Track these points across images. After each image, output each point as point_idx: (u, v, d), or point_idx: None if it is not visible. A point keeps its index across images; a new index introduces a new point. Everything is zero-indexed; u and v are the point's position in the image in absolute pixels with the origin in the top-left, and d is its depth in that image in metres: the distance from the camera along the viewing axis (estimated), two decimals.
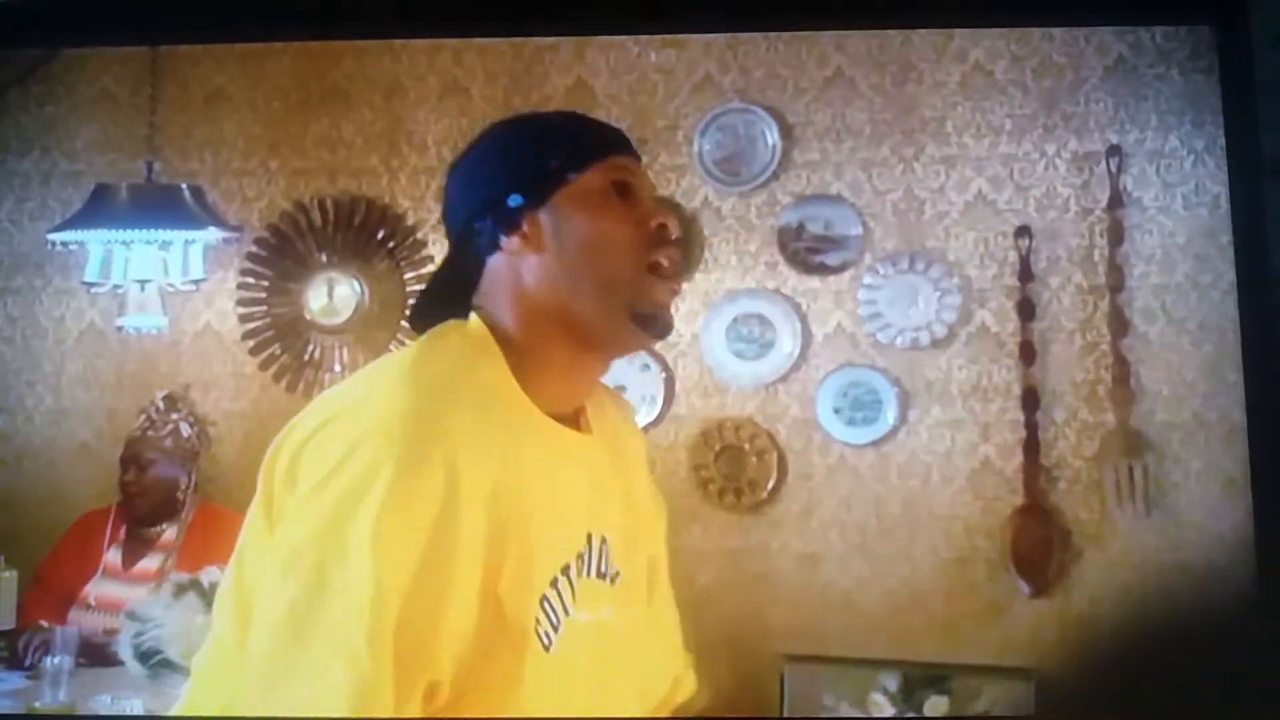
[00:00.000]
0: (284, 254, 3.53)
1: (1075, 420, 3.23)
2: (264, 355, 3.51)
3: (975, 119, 3.33)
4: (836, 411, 3.29)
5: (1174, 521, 3.14)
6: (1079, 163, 3.26)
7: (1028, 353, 3.25)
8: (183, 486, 3.21)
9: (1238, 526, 2.92)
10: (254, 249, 3.54)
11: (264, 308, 3.53)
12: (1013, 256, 3.28)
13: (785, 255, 3.36)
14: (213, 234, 3.28)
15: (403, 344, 3.50)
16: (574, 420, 1.35)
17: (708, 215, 3.42)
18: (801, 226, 3.36)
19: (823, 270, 3.34)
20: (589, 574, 1.32)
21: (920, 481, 3.27)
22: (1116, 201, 3.22)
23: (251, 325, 3.50)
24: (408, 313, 1.40)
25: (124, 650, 2.56)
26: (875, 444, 3.28)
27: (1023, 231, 3.27)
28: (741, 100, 3.41)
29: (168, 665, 2.49)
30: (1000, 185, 3.31)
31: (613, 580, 1.37)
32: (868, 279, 3.31)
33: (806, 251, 3.35)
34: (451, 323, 1.32)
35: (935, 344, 3.29)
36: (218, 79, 3.55)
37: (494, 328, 1.31)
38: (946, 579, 3.23)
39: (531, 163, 1.33)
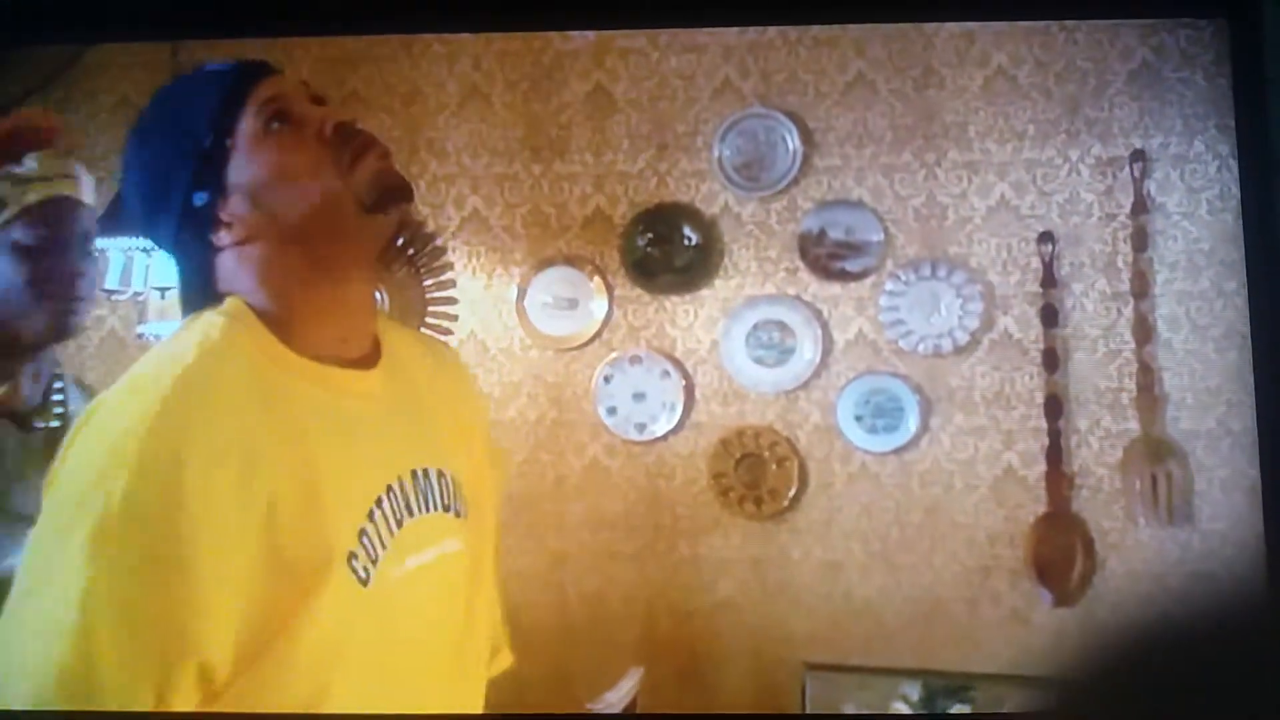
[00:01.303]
0: None
1: (1098, 428, 3.21)
2: None
3: (998, 124, 3.31)
4: (858, 419, 3.27)
5: (1198, 530, 3.11)
6: (1103, 168, 3.23)
7: (1051, 360, 3.22)
8: None
9: (1262, 535, 2.89)
10: None
11: None
12: (1036, 262, 3.26)
13: (806, 261, 3.34)
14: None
15: None
16: (364, 360, 1.32)
17: (728, 221, 3.40)
18: (822, 232, 3.34)
19: (844, 276, 3.33)
20: (430, 508, 1.32)
21: (942, 489, 3.25)
22: (1140, 207, 3.19)
23: None
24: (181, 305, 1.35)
25: None
26: (897, 452, 3.27)
27: (1046, 237, 3.25)
28: (762, 105, 3.39)
29: None
30: (1023, 191, 3.29)
31: (458, 515, 1.36)
32: (889, 285, 3.30)
33: (827, 258, 3.33)
34: (206, 312, 1.28)
35: (957, 351, 3.27)
36: None
37: (249, 304, 1.28)
38: (968, 588, 3.21)
39: (188, 154, 1.27)
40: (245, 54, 3.63)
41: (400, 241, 3.50)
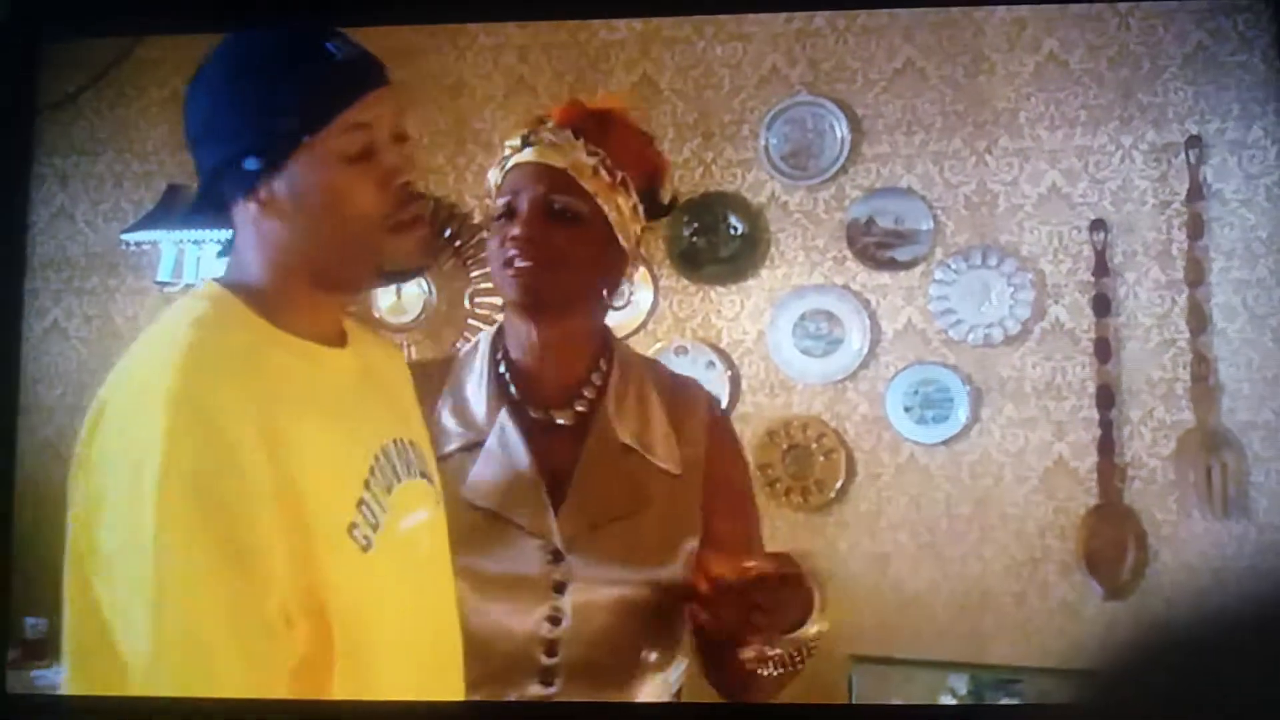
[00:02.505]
0: None
1: (1152, 419, 3.16)
2: None
3: (1049, 110, 3.26)
4: (906, 410, 3.24)
5: (1254, 523, 3.06)
6: (1157, 154, 3.18)
7: (1103, 349, 3.18)
8: None
9: None
10: None
11: None
12: (1088, 251, 3.21)
13: (854, 250, 3.31)
14: None
15: (469, 341, 3.51)
16: (338, 339, 1.38)
17: (774, 210, 3.38)
18: (871, 221, 3.31)
19: (893, 265, 3.29)
20: (411, 474, 1.37)
21: (992, 481, 3.21)
22: (1196, 194, 3.14)
23: None
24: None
25: None
26: (946, 443, 3.23)
27: (1098, 225, 3.20)
28: (809, 93, 3.36)
29: None
30: (1075, 178, 3.24)
31: (430, 481, 1.43)
32: (939, 274, 3.26)
33: (876, 246, 3.30)
34: (185, 297, 1.36)
35: (1008, 340, 3.23)
36: None
37: (242, 275, 1.33)
38: (1018, 580, 3.17)
39: (267, 121, 1.29)
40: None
41: (448, 233, 3.51)
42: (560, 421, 1.63)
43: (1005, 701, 2.96)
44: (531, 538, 1.57)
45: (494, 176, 1.66)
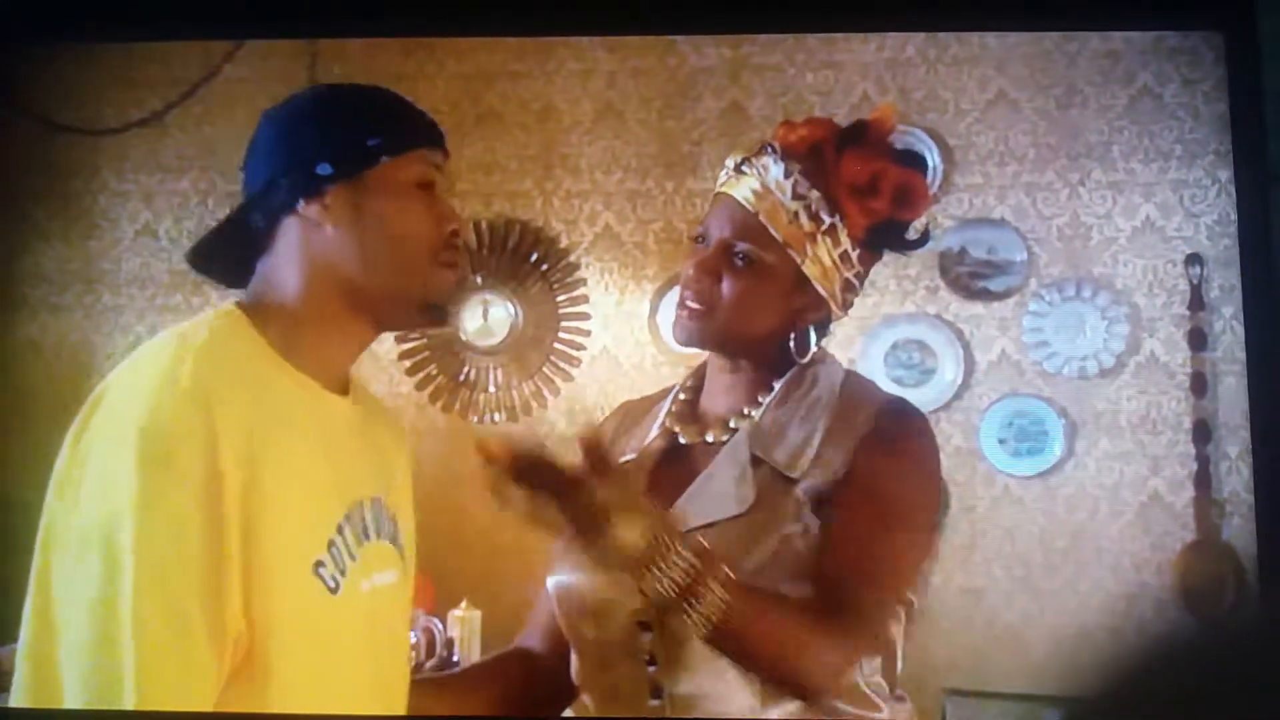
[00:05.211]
0: None
1: (1249, 454, 3.13)
2: (420, 375, 3.52)
3: (1143, 143, 3.26)
4: (1001, 442, 3.21)
5: None
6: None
7: (1199, 384, 3.16)
8: None
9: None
10: None
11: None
12: (1183, 284, 3.20)
13: (946, 280, 3.30)
14: None
15: (557, 367, 3.50)
16: (341, 388, 1.37)
17: None
18: (964, 251, 3.30)
19: (986, 296, 3.28)
20: (381, 536, 1.37)
21: (1087, 515, 3.18)
22: None
23: (408, 345, 3.51)
24: (189, 252, 1.42)
25: None
26: (1041, 476, 3.20)
27: (1194, 259, 3.19)
28: (901, 122, 3.34)
29: None
30: (1170, 212, 3.23)
31: (400, 550, 1.42)
32: (1033, 305, 3.24)
33: (969, 276, 3.29)
34: (209, 313, 1.34)
35: (1103, 374, 3.21)
36: None
37: (269, 294, 1.33)
38: (1113, 615, 3.14)
39: (350, 135, 1.33)
40: (380, 59, 3.64)
41: (534, 258, 3.51)
42: (710, 439, 1.62)
43: None
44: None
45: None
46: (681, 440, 1.63)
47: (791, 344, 1.60)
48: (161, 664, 1.18)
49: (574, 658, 1.60)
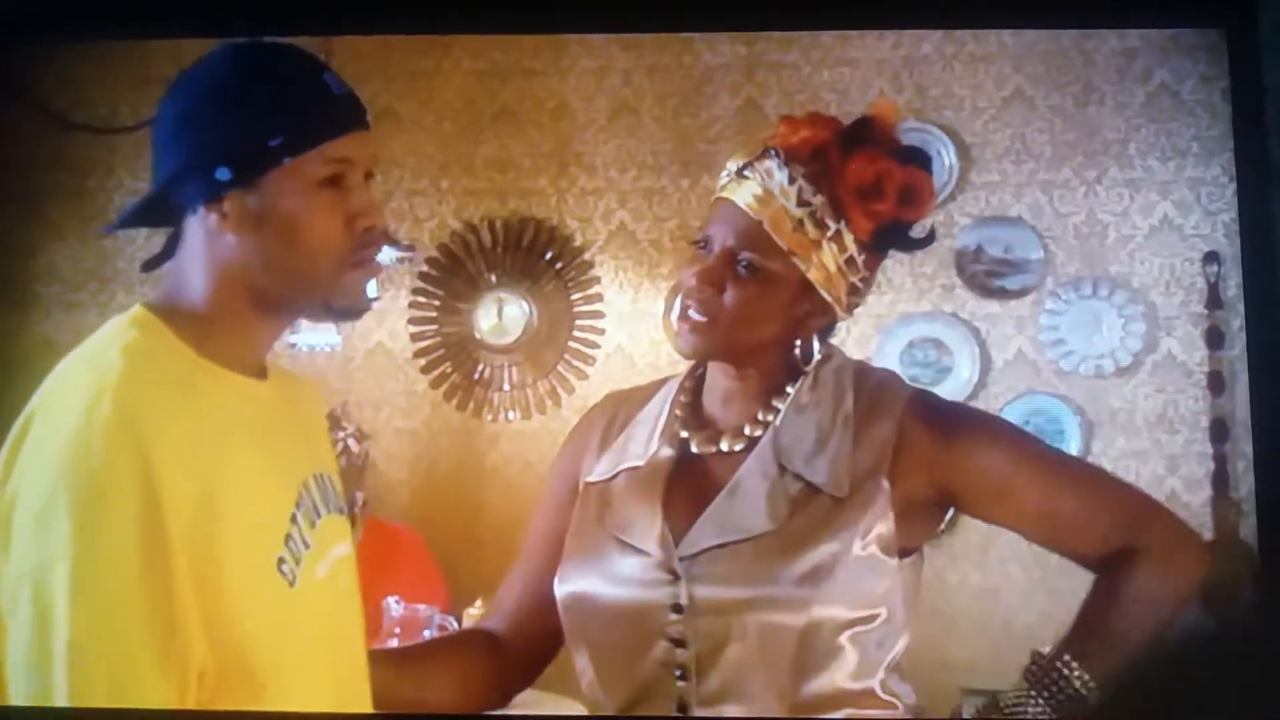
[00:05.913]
0: (455, 274, 3.54)
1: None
2: (435, 374, 3.52)
3: (1160, 141, 3.25)
4: None
5: None
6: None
7: (1216, 382, 3.15)
8: (356, 504, 3.21)
9: None
10: (425, 269, 3.55)
11: (435, 327, 3.54)
12: (1200, 283, 3.19)
13: (963, 278, 3.29)
14: (386, 253, 3.30)
15: (571, 365, 3.50)
16: (259, 372, 1.35)
17: None
18: (980, 249, 3.29)
19: (1002, 294, 3.27)
20: (330, 509, 1.36)
21: None
22: None
23: (423, 344, 3.52)
24: (112, 221, 1.40)
25: None
26: None
27: (1211, 257, 3.18)
28: (917, 119, 3.34)
29: None
30: (1187, 210, 3.22)
31: (347, 516, 1.42)
32: (1050, 304, 3.24)
33: (985, 274, 3.28)
34: (113, 322, 1.29)
35: (1119, 372, 3.20)
36: (385, 98, 3.55)
37: (179, 295, 1.29)
38: None
39: (251, 134, 1.26)
40: (395, 56, 3.63)
41: (548, 255, 3.50)
42: (724, 448, 1.60)
43: None
44: (645, 556, 1.53)
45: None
46: (694, 449, 1.60)
47: (797, 350, 1.57)
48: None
49: (581, 661, 1.58)
